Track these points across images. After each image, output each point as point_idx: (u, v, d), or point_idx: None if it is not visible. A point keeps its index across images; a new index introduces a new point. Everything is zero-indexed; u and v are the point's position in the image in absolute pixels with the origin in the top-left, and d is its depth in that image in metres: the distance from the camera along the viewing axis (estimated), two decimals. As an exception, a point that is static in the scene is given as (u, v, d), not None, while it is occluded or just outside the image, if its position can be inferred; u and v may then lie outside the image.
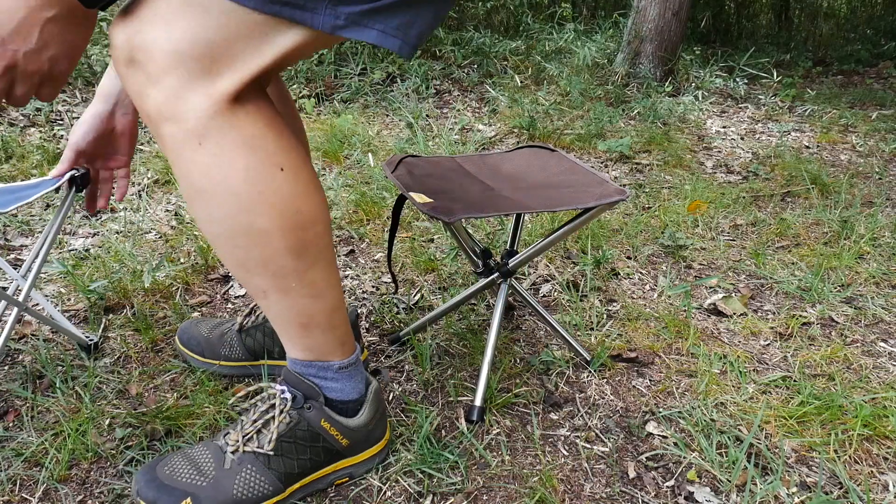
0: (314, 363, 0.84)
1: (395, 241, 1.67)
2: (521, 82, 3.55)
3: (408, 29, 0.69)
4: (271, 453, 0.82)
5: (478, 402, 1.02)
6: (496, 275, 1.12)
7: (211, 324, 1.14)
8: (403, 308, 1.36)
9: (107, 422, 0.99)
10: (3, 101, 0.67)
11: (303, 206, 0.73)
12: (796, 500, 0.88)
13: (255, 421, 0.83)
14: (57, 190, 1.02)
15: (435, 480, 0.90)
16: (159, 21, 0.64)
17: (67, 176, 1.09)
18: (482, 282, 1.15)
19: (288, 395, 0.83)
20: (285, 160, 0.71)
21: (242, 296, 1.40)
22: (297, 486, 0.85)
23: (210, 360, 1.10)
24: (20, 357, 1.14)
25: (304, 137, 1.11)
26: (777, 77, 4.21)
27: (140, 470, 0.82)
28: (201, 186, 0.70)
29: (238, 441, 0.82)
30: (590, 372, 1.15)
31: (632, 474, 0.93)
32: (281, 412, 0.83)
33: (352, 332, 0.87)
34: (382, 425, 0.92)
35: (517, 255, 1.10)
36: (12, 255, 1.53)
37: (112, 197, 1.06)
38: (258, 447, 0.82)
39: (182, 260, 1.52)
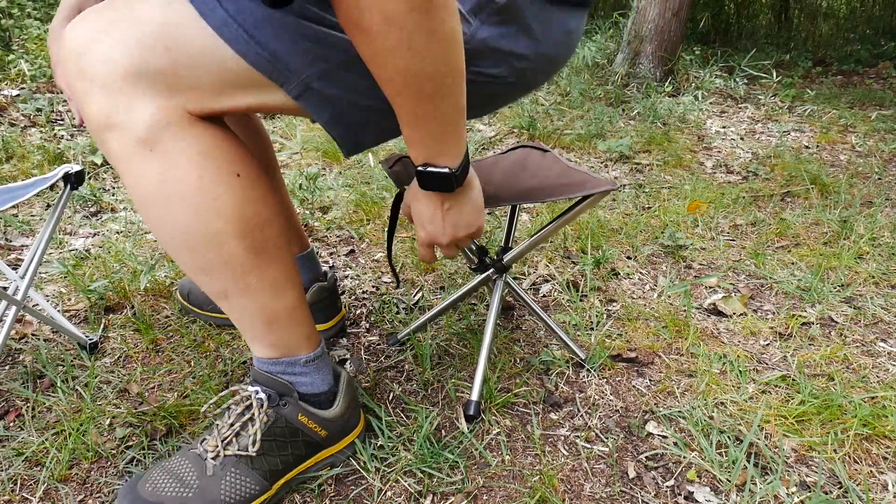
0: (281, 360, 0.84)
1: (395, 240, 1.67)
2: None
3: (359, 133, 0.77)
4: (255, 454, 0.82)
5: (474, 397, 1.02)
6: (491, 270, 1.13)
7: None
8: (403, 308, 1.37)
9: (107, 421, 0.99)
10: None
11: (260, 209, 0.74)
12: (796, 499, 0.88)
13: (231, 424, 0.83)
14: (52, 188, 1.02)
15: (435, 480, 0.90)
16: (121, 36, 0.63)
17: (62, 173, 1.10)
18: (478, 278, 1.16)
19: (263, 395, 0.83)
20: (242, 168, 0.72)
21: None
22: (282, 481, 0.85)
23: (201, 311, 1.25)
24: (21, 357, 1.14)
25: (271, 152, 1.14)
26: (777, 77, 4.21)
27: (121, 491, 0.80)
28: (152, 195, 0.69)
29: (217, 446, 0.81)
30: (589, 372, 1.15)
31: (632, 474, 0.93)
32: (259, 412, 0.83)
33: (315, 326, 0.88)
34: (357, 413, 0.94)
35: (512, 250, 1.11)
36: (13, 255, 1.53)
37: None
38: (240, 450, 0.81)
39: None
